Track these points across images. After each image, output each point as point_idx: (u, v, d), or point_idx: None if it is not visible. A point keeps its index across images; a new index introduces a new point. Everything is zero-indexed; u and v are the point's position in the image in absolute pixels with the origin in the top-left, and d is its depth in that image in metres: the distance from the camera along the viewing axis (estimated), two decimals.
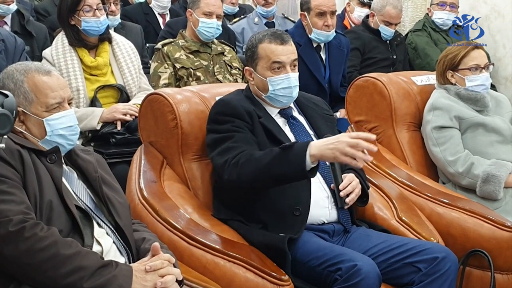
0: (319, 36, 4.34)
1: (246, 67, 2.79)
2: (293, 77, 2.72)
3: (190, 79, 4.05)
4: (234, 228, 2.60)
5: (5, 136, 1.85)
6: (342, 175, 2.65)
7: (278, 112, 2.79)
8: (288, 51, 2.72)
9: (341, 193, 2.59)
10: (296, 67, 2.76)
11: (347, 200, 2.61)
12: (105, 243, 2.11)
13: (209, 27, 4.14)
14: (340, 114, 4.38)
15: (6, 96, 1.89)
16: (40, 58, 3.81)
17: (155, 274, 2.00)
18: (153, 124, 2.92)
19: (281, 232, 2.53)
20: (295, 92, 2.75)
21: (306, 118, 2.86)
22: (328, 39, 4.38)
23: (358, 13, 5.80)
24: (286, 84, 2.71)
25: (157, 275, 2.00)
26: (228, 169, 2.53)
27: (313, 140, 2.74)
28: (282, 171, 2.43)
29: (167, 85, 3.97)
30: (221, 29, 4.23)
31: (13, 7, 4.57)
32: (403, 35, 5.55)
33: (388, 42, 5.11)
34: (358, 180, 2.68)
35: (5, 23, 4.64)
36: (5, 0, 4.52)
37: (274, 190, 2.58)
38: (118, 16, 4.79)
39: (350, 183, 2.62)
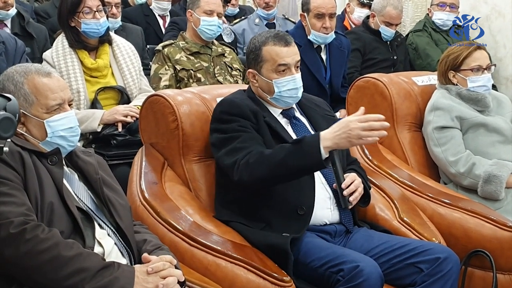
0: (317, 37, 4.34)
1: (249, 70, 2.77)
2: (298, 78, 2.73)
3: (191, 80, 4.05)
4: (236, 229, 2.59)
5: (9, 140, 1.85)
6: (344, 175, 2.64)
7: (281, 113, 2.79)
8: (292, 53, 2.72)
9: (345, 192, 2.57)
10: (299, 68, 2.77)
11: (350, 199, 2.59)
12: (107, 244, 2.11)
13: (211, 25, 4.13)
14: (340, 114, 4.37)
15: (9, 99, 1.88)
16: (40, 60, 3.81)
17: (156, 276, 1.99)
18: (154, 126, 2.91)
19: (284, 231, 2.53)
20: (300, 92, 2.76)
21: (308, 118, 2.86)
22: (326, 41, 4.38)
23: (358, 14, 5.80)
24: (292, 85, 2.71)
25: (159, 276, 2.00)
26: (238, 170, 2.53)
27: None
28: (299, 164, 2.45)
29: (167, 87, 3.97)
30: (222, 27, 4.23)
31: (12, 12, 4.57)
32: (404, 35, 5.54)
33: (388, 42, 5.10)
34: (360, 179, 2.67)
35: (5, 25, 4.64)
36: (4, 6, 4.52)
37: (278, 189, 2.58)
38: (119, 18, 4.79)
39: (352, 182, 2.62)
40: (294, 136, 2.72)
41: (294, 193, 2.58)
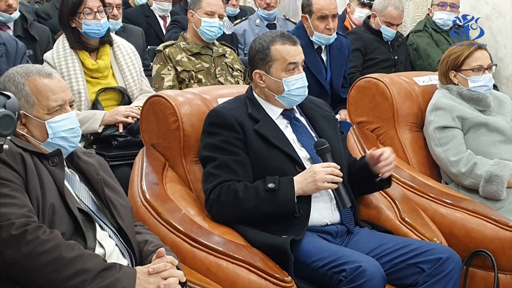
0: (320, 39, 4.35)
1: (256, 70, 2.76)
2: (305, 76, 2.76)
3: (192, 81, 4.04)
4: (236, 230, 2.59)
5: (9, 138, 1.85)
6: (377, 150, 2.72)
7: (281, 114, 2.79)
8: (299, 51, 2.76)
9: (383, 162, 2.67)
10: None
11: (386, 168, 2.68)
12: (108, 245, 2.11)
13: (212, 26, 4.13)
14: (340, 115, 4.36)
15: (8, 97, 1.88)
16: (43, 62, 3.81)
17: (158, 277, 1.99)
18: (155, 126, 2.91)
19: (283, 234, 2.53)
20: (306, 91, 2.79)
21: (308, 119, 2.86)
22: (329, 42, 4.39)
23: (359, 14, 5.80)
24: (301, 83, 2.74)
25: (160, 277, 2.00)
26: (208, 203, 2.61)
27: (302, 160, 2.72)
28: (272, 211, 2.57)
29: (171, 87, 3.97)
30: (223, 29, 4.23)
31: (15, 15, 4.56)
32: (405, 35, 5.54)
33: (389, 42, 5.10)
34: (394, 155, 2.73)
35: (8, 27, 4.63)
36: (8, 9, 4.52)
37: None
38: (120, 20, 4.79)
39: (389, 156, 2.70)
40: (293, 137, 2.74)
41: None
